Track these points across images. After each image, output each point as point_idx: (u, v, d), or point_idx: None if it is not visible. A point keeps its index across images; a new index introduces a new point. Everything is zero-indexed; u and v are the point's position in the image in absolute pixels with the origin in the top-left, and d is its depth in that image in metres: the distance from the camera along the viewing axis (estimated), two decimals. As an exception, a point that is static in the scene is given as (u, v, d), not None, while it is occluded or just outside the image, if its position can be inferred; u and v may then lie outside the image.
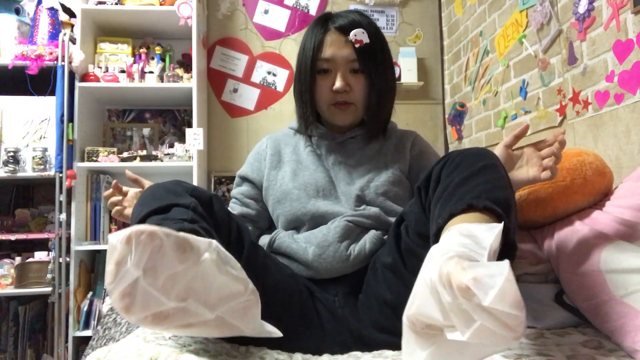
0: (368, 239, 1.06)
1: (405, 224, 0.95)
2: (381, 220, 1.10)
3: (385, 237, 1.08)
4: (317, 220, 1.10)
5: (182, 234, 0.64)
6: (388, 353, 0.91)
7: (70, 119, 2.22)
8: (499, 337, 0.54)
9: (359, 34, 1.10)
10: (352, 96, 1.14)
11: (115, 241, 0.60)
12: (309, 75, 1.14)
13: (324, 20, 1.15)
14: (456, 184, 0.79)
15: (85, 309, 2.24)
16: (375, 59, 1.13)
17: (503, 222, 0.66)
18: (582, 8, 1.51)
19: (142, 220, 0.77)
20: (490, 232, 0.63)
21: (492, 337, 0.55)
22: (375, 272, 1.00)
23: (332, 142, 1.20)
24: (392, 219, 1.08)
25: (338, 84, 1.11)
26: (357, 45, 1.10)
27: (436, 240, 0.70)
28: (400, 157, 1.20)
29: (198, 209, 0.83)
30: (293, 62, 2.78)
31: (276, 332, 0.73)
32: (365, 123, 1.21)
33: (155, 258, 0.60)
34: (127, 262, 0.59)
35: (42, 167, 2.25)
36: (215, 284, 0.65)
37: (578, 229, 1.06)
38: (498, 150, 0.99)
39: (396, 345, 0.94)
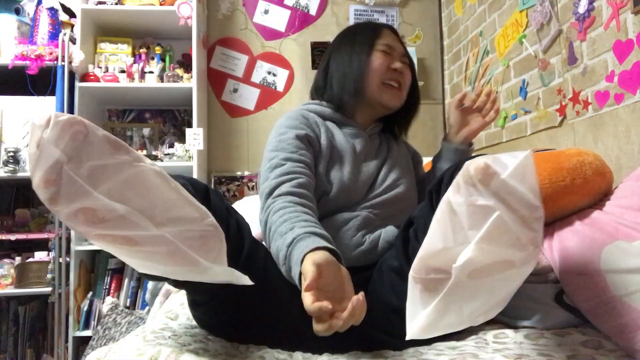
0: (384, 231, 1.09)
1: (414, 227, 0.95)
2: (396, 209, 1.13)
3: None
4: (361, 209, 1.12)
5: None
6: (388, 353, 0.91)
7: (70, 119, 2.22)
8: (511, 242, 0.54)
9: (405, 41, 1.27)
10: (404, 80, 1.20)
11: (35, 123, 0.58)
12: (366, 52, 1.18)
13: (374, 23, 1.29)
14: None
15: (85, 309, 2.24)
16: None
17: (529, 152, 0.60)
18: (582, 8, 1.51)
19: None
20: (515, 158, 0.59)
21: (506, 237, 0.54)
22: (381, 275, 1.01)
23: (363, 133, 1.21)
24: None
25: (398, 64, 1.18)
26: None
27: None
28: (406, 155, 1.30)
29: (188, 188, 0.81)
30: (293, 62, 2.81)
31: (245, 279, 0.70)
32: (396, 121, 1.29)
33: (78, 145, 0.57)
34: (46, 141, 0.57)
35: (42, 167, 2.25)
36: (162, 198, 0.62)
37: (578, 229, 1.06)
38: (452, 115, 1.23)
39: (397, 346, 0.94)
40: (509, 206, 0.53)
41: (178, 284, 0.89)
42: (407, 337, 0.64)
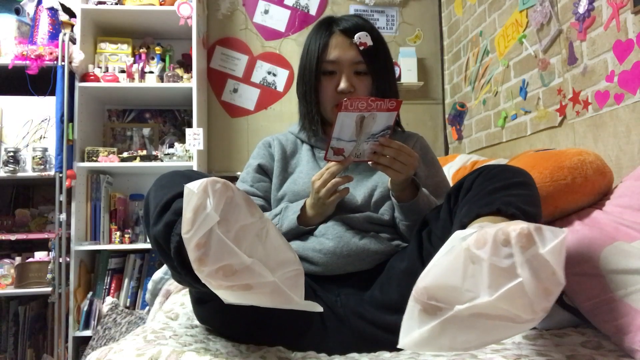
0: (367, 237, 1.07)
1: (429, 229, 0.96)
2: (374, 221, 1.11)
3: (387, 237, 1.09)
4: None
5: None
6: (385, 355, 0.91)
7: (70, 119, 2.22)
8: (524, 306, 0.55)
9: (363, 37, 1.13)
10: (357, 92, 1.15)
11: (193, 188, 0.61)
12: (313, 76, 1.16)
13: (328, 24, 1.18)
14: (488, 191, 0.80)
15: (85, 309, 2.24)
16: (378, 61, 1.16)
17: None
18: (582, 8, 1.51)
19: (169, 202, 0.75)
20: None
21: (521, 301, 0.55)
22: (391, 276, 1.01)
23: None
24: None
25: (343, 84, 1.13)
26: (361, 48, 1.13)
27: None
28: None
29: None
30: (293, 62, 2.80)
31: (318, 307, 0.73)
32: None
33: (228, 209, 0.62)
34: (205, 208, 0.61)
35: (42, 167, 2.25)
36: (273, 244, 0.68)
37: (578, 229, 1.06)
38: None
39: (395, 344, 0.94)
40: (536, 276, 0.54)
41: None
42: (399, 346, 0.65)
